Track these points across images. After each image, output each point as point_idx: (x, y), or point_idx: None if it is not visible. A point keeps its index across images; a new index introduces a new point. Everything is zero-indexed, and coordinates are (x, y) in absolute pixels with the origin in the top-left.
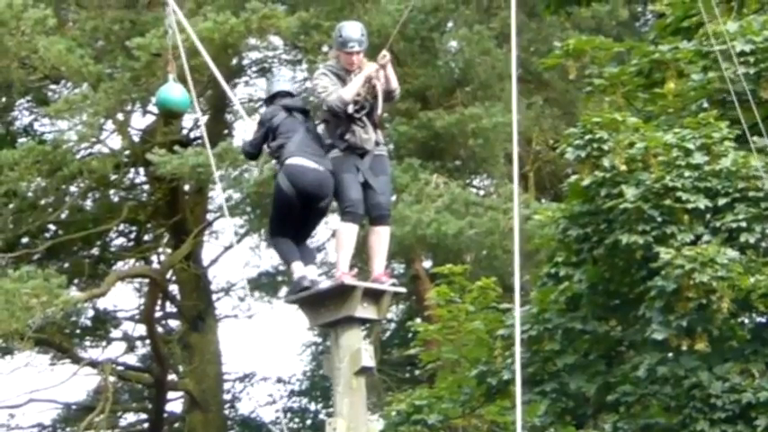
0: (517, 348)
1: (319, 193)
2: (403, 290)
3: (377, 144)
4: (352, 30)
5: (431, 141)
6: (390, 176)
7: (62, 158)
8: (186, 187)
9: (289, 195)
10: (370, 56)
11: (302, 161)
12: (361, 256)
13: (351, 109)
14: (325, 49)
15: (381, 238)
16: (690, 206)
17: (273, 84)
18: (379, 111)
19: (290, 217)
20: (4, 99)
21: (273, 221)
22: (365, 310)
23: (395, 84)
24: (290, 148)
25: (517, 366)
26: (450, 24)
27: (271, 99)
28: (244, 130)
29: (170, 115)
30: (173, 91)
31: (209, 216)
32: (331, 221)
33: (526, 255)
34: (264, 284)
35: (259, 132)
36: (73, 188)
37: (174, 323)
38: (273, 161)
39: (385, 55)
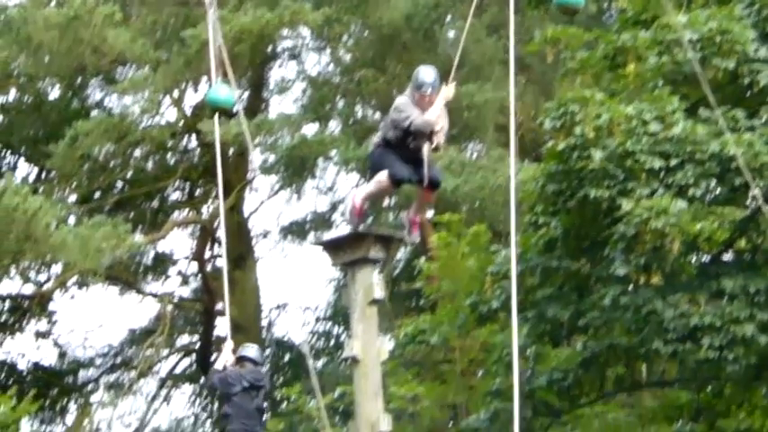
0: (514, 341)
1: None
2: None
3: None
4: (427, 75)
5: None
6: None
7: (127, 128)
8: (230, 151)
9: None
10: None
11: None
12: (375, 206)
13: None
14: (344, 38)
15: (429, 196)
16: (647, 166)
17: (245, 349)
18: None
19: None
20: (79, 79)
21: None
22: (377, 253)
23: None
24: (233, 427)
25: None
26: (448, 18)
27: (240, 359)
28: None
29: (219, 111)
30: (220, 91)
31: (249, 175)
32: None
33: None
34: (295, 230)
35: (223, 386)
36: (137, 152)
37: (220, 262)
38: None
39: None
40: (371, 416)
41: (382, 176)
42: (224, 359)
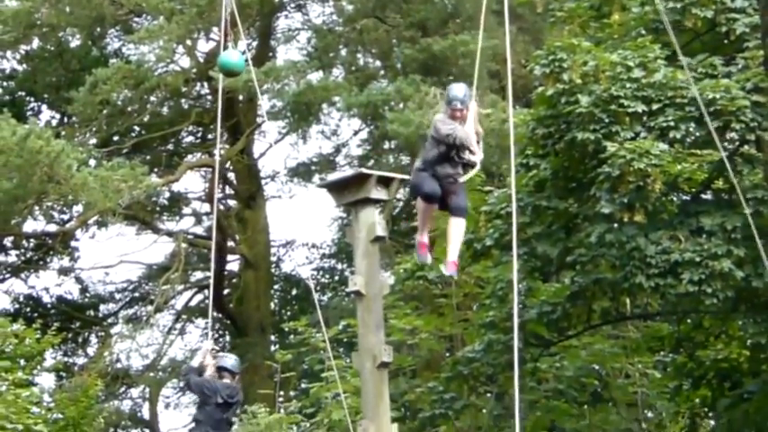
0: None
1: None
2: (408, 177)
3: (456, 180)
4: (458, 90)
5: (429, 61)
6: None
7: (144, 75)
8: (240, 97)
9: None
10: None
11: None
12: (377, 149)
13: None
14: None
15: (457, 227)
16: (630, 110)
17: (224, 360)
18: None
19: None
20: (98, 29)
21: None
22: (378, 193)
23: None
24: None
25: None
26: None
27: (219, 369)
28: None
29: (229, 74)
30: (231, 56)
31: (258, 119)
32: None
33: (503, 149)
34: (301, 172)
35: (199, 393)
36: (152, 98)
37: (231, 202)
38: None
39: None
40: (374, 347)
41: (418, 203)
42: (201, 357)
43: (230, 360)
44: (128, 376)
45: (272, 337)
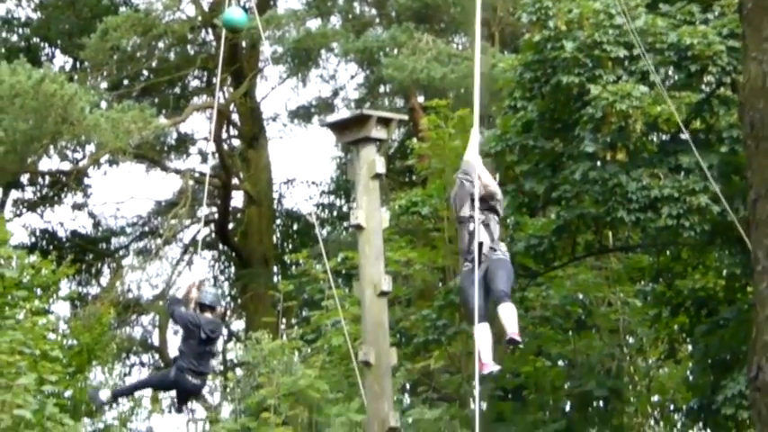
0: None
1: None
2: (405, 117)
3: (494, 250)
4: (464, 165)
5: (422, 9)
6: (506, 270)
7: (152, 22)
8: (243, 43)
9: (172, 382)
10: None
11: (188, 378)
12: (373, 93)
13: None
14: None
15: (506, 311)
16: (612, 55)
17: (203, 296)
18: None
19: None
20: None
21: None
22: (378, 132)
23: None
24: (183, 364)
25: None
26: None
27: (201, 306)
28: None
29: (233, 30)
30: (234, 13)
31: (261, 64)
32: None
33: (493, 92)
34: (301, 114)
35: (183, 327)
36: (160, 44)
37: (236, 142)
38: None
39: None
40: (374, 277)
41: (474, 332)
42: (186, 290)
43: (209, 296)
44: (138, 305)
45: (275, 269)
